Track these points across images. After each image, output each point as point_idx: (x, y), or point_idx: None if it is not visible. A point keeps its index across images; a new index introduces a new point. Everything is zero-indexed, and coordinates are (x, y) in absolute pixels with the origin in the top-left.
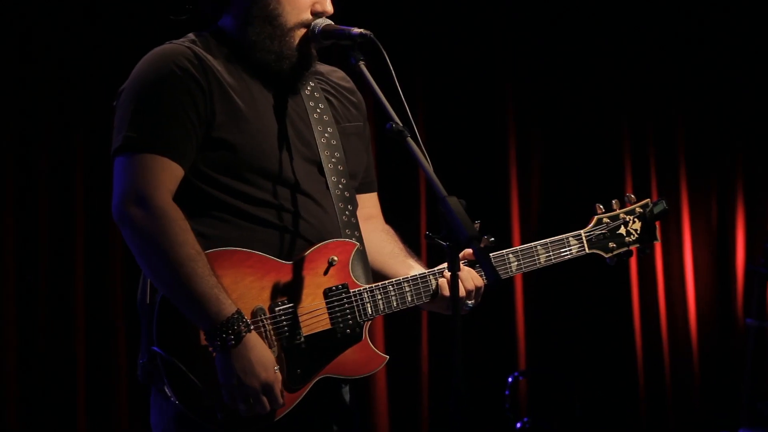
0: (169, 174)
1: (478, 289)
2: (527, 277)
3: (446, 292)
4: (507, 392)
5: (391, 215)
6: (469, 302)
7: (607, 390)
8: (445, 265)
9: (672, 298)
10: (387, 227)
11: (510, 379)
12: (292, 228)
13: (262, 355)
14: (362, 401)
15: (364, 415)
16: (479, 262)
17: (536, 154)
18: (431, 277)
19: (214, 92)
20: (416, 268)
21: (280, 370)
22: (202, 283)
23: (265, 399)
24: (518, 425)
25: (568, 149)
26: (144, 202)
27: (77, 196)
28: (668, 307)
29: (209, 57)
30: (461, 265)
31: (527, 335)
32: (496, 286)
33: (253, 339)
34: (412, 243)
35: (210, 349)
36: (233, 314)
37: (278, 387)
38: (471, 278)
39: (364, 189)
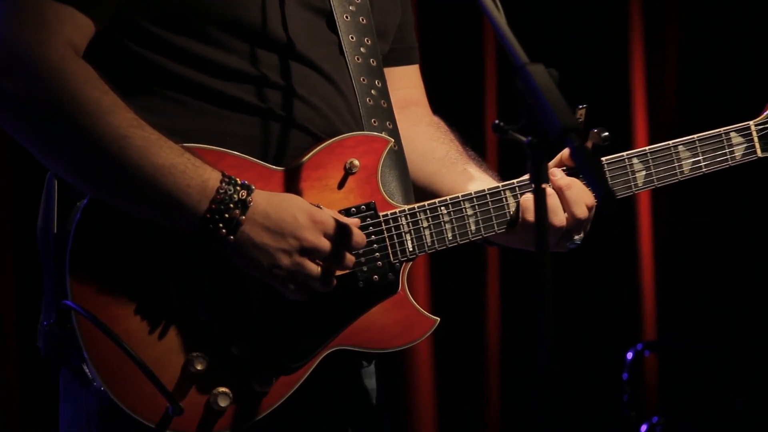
0: (71, 27)
1: (590, 210)
2: (658, 194)
3: (530, 215)
4: (625, 375)
5: (438, 102)
6: (576, 236)
7: None
8: (527, 176)
9: None
10: (435, 119)
11: (630, 356)
12: (285, 115)
13: (283, 203)
14: (395, 389)
15: (398, 412)
16: (581, 168)
17: (672, 8)
18: (508, 193)
19: None
20: (482, 180)
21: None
22: (162, 153)
23: (328, 248)
24: (643, 428)
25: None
26: (26, 63)
27: None
28: None
29: None
30: (562, 175)
31: (658, 288)
32: (610, 208)
33: (261, 195)
34: (473, 144)
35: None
36: (222, 179)
37: (337, 218)
38: (578, 195)
39: (400, 58)
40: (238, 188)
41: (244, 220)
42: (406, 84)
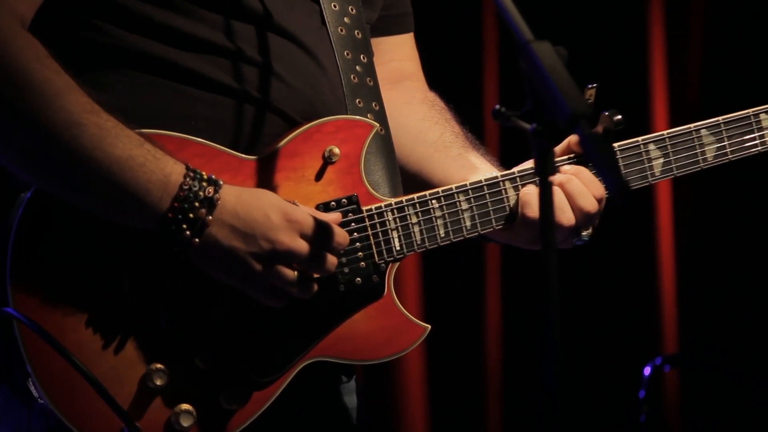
0: None
1: (600, 202)
2: (680, 184)
3: (532, 211)
4: (642, 393)
5: (434, 80)
6: (584, 232)
7: None
8: (530, 164)
9: None
10: (431, 95)
11: (647, 371)
12: (258, 95)
13: (254, 201)
14: (379, 407)
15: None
16: (590, 157)
17: None
18: (507, 184)
19: None
20: (480, 168)
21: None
22: (119, 143)
23: (306, 251)
24: None
25: None
26: None
27: None
28: None
29: None
30: (567, 165)
31: (679, 294)
32: (623, 200)
33: (230, 191)
34: (472, 129)
35: (176, 248)
36: (186, 173)
37: (315, 216)
38: (587, 187)
39: (391, 26)
40: (204, 184)
41: (210, 220)
42: (399, 56)
